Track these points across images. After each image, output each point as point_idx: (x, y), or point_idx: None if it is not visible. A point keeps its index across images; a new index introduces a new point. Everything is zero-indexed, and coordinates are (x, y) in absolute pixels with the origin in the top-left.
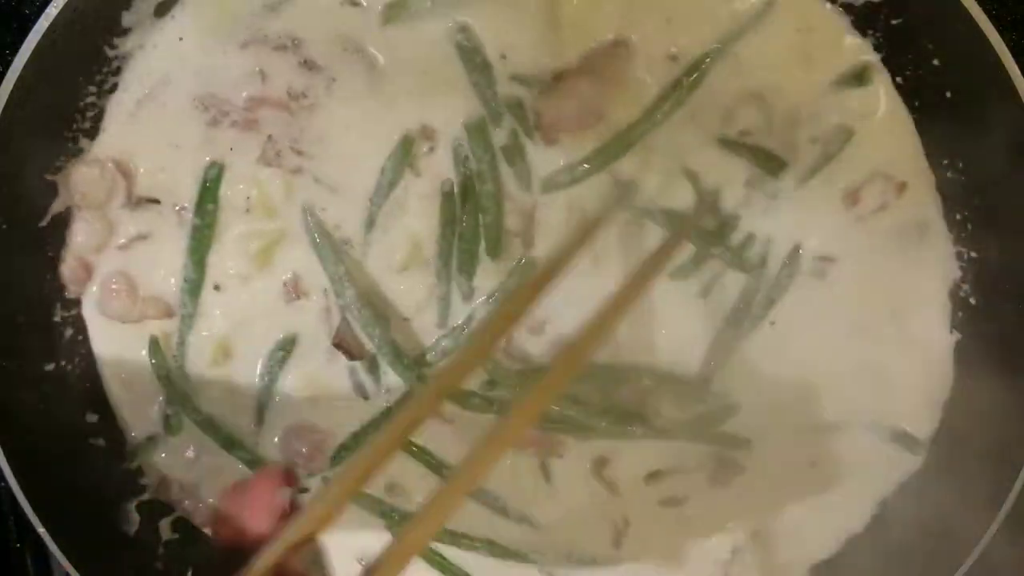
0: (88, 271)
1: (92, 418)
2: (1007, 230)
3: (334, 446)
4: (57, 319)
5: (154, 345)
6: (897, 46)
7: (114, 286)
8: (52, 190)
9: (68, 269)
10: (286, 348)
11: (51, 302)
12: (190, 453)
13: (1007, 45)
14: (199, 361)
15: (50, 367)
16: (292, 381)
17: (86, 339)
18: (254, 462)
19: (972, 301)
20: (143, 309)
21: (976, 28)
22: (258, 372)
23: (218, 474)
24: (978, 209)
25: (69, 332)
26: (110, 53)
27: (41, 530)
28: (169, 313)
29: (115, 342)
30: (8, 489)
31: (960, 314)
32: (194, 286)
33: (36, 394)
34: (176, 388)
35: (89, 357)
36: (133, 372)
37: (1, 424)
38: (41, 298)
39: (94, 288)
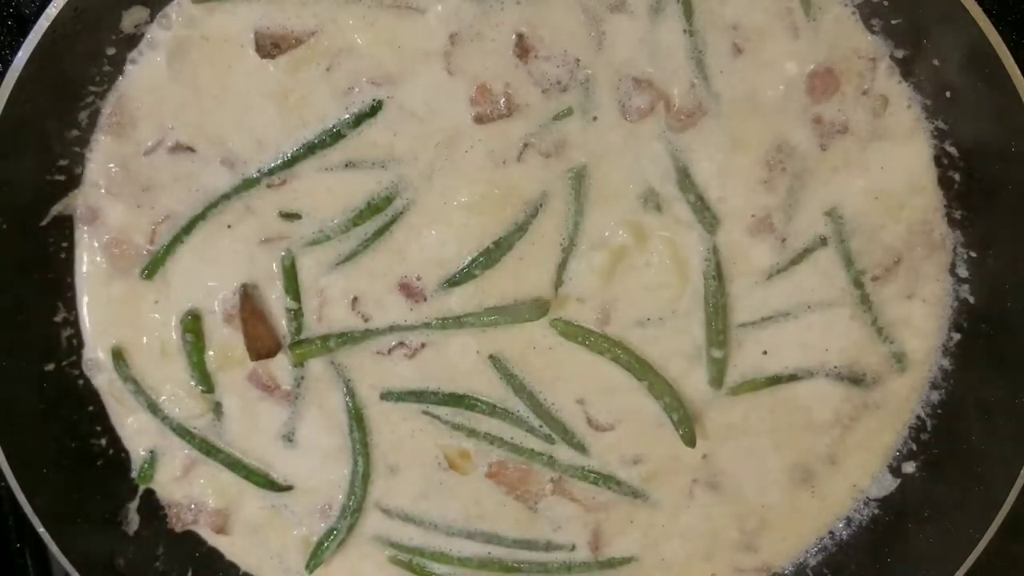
0: None
1: (92, 418)
2: (1007, 230)
3: None
4: (57, 319)
5: None
6: (898, 45)
7: None
8: (53, 190)
9: None
10: None
11: (51, 302)
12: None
13: (1007, 45)
14: None
15: (50, 367)
16: None
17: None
18: None
19: (972, 301)
20: None
21: (976, 28)
22: None
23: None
24: (978, 209)
25: (69, 332)
26: (110, 53)
27: (41, 530)
28: None
29: None
30: (8, 489)
31: (960, 313)
32: None
33: (36, 394)
34: None
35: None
36: None
37: (1, 424)
38: (41, 298)
39: None
